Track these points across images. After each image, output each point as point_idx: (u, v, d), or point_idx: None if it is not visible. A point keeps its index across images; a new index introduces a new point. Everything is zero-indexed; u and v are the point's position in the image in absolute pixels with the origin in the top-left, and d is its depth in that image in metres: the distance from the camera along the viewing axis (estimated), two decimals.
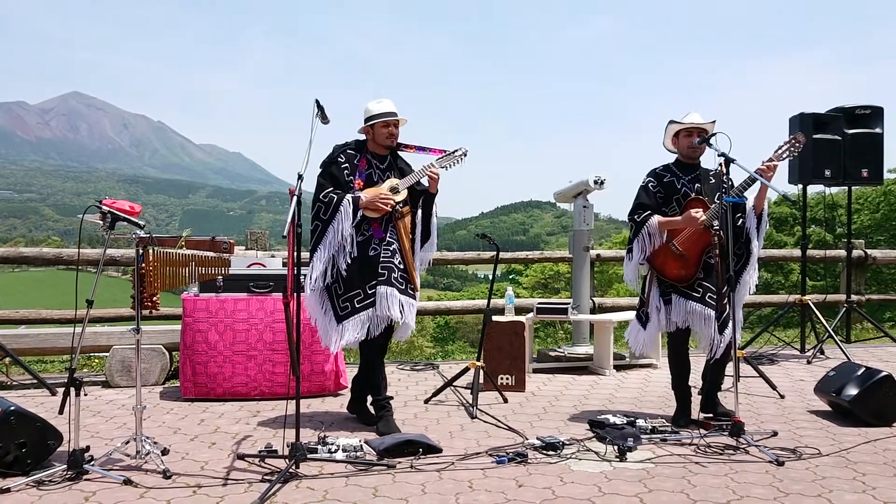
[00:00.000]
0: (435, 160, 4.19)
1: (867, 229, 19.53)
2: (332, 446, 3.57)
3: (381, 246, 4.12)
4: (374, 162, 4.23)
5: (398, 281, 4.10)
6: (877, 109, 6.89)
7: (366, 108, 4.23)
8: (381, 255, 4.10)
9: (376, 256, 4.10)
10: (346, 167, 4.16)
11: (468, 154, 4.20)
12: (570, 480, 3.29)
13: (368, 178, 4.17)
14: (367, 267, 4.07)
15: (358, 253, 4.08)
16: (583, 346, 6.34)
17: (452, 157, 4.20)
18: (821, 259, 8.59)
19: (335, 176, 4.14)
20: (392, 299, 4.03)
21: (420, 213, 4.29)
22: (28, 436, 3.35)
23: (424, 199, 4.27)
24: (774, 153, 4.10)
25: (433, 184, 4.17)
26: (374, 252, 4.11)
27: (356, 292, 4.06)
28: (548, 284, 26.09)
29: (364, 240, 4.11)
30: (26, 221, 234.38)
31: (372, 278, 4.06)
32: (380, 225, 4.14)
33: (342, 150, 4.22)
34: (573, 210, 6.53)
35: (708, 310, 4.10)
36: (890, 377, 4.29)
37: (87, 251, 6.25)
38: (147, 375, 5.32)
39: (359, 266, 4.07)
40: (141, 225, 3.54)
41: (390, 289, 4.04)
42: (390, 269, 4.08)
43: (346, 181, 4.13)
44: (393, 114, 4.17)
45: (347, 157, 4.19)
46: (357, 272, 4.07)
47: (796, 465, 3.50)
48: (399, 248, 4.15)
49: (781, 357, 6.55)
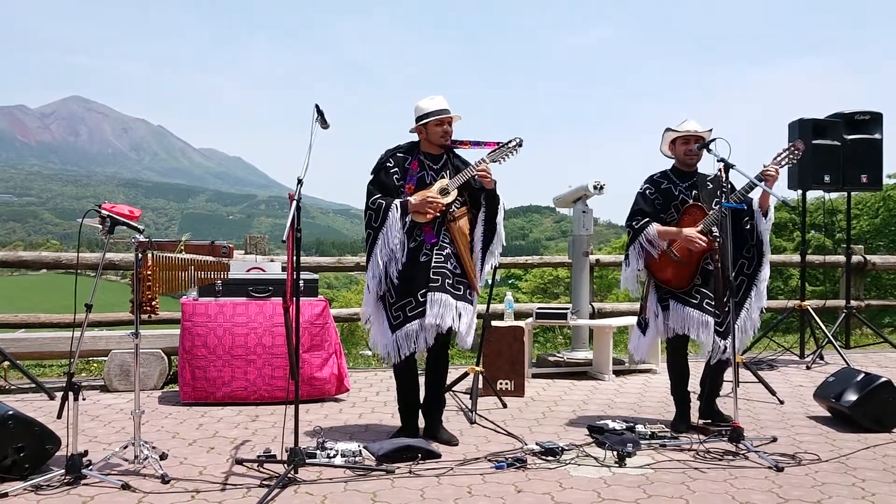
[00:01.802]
0: (486, 155, 3.96)
1: (866, 235, 19.53)
2: (330, 451, 3.56)
3: (433, 251, 3.90)
4: (427, 163, 4.01)
5: (453, 287, 3.88)
6: (876, 115, 6.90)
7: (417, 107, 4.00)
8: (434, 261, 3.88)
9: (428, 262, 3.88)
10: (395, 171, 3.98)
11: (523, 144, 3.95)
12: (570, 486, 3.29)
13: (420, 180, 3.96)
14: (420, 273, 3.87)
15: (409, 259, 3.88)
16: (582, 351, 6.34)
17: (504, 149, 3.96)
18: (820, 264, 8.60)
19: (383, 182, 3.97)
20: (446, 307, 3.82)
21: (483, 212, 4.02)
22: (26, 440, 3.34)
23: (485, 196, 4.00)
24: (774, 160, 4.11)
25: (486, 180, 3.91)
26: (426, 258, 3.89)
27: (408, 300, 3.88)
28: (547, 289, 26.08)
29: (416, 245, 3.91)
30: (25, 225, 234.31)
31: (424, 285, 3.85)
32: (431, 229, 3.92)
33: (392, 154, 4.03)
34: (572, 215, 6.54)
35: (706, 316, 4.10)
36: (889, 383, 4.28)
37: (87, 255, 6.25)
38: (146, 380, 5.31)
39: (411, 273, 3.88)
40: (140, 229, 3.54)
41: (444, 296, 3.83)
42: (444, 275, 3.86)
43: (397, 186, 3.95)
44: (446, 111, 3.96)
45: (397, 160, 4.00)
46: (409, 280, 3.88)
47: (795, 470, 3.50)
48: (454, 251, 3.94)
49: (781, 362, 6.55)
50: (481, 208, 4.03)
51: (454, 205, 3.97)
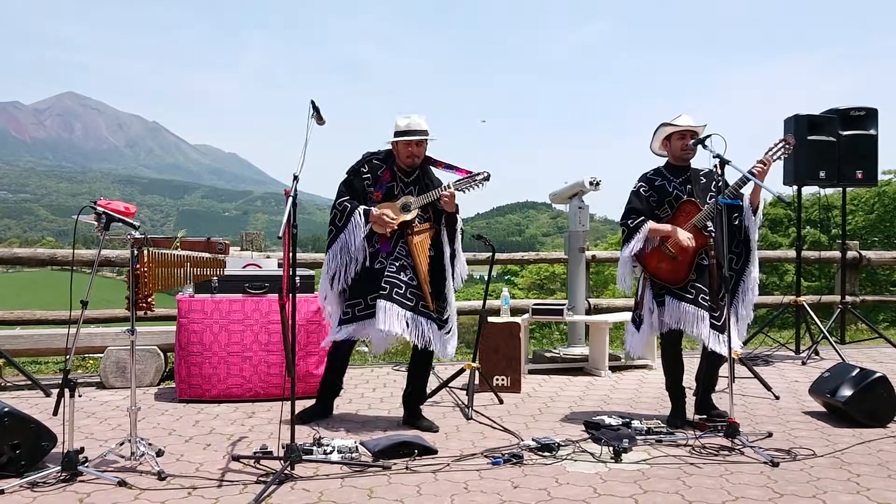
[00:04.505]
0: (453, 182, 4.15)
1: (862, 230, 19.59)
2: (327, 447, 3.56)
3: (387, 260, 4.10)
4: (400, 175, 4.22)
5: (404, 297, 4.05)
6: (871, 111, 6.92)
7: (395, 122, 4.17)
8: (387, 270, 4.08)
9: (381, 270, 4.09)
10: (367, 178, 4.19)
11: (490, 178, 4.11)
12: (566, 481, 3.30)
13: (389, 190, 4.17)
14: (371, 279, 4.09)
15: (365, 264, 4.12)
16: (578, 347, 6.35)
17: (472, 181, 4.12)
18: (815, 260, 8.62)
19: (354, 185, 4.18)
20: (390, 314, 3.98)
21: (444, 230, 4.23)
22: (22, 437, 3.33)
23: (445, 218, 4.21)
24: (766, 154, 4.13)
25: (447, 205, 4.09)
26: (380, 265, 4.10)
27: (358, 301, 4.12)
28: (543, 285, 26.12)
29: (373, 252, 4.13)
30: (21, 222, 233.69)
31: (374, 291, 4.06)
32: (388, 240, 4.12)
33: (368, 160, 4.23)
34: (569, 211, 6.54)
35: (700, 311, 4.11)
36: (884, 378, 4.30)
37: (82, 252, 6.23)
38: (142, 376, 5.30)
39: (364, 277, 4.12)
40: (136, 226, 3.53)
41: (390, 304, 4.00)
42: (394, 285, 4.04)
43: (367, 191, 4.17)
44: (419, 132, 4.11)
45: (372, 167, 4.21)
46: (362, 283, 4.11)
47: (791, 465, 3.51)
48: (409, 263, 4.10)
49: (776, 358, 6.57)
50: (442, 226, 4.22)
51: (416, 220, 4.14)
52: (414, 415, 4.29)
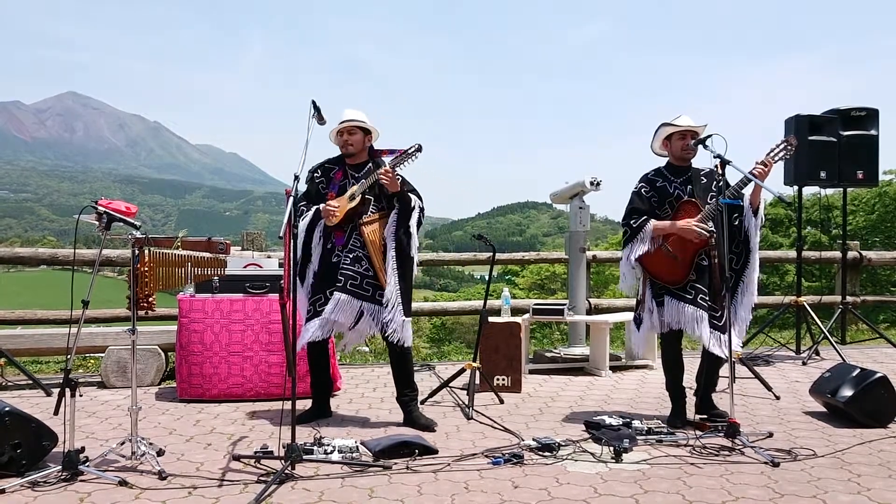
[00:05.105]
0: (388, 160, 4.26)
1: (862, 231, 19.59)
2: (327, 447, 3.56)
3: (342, 253, 4.23)
4: (351, 172, 4.35)
5: (360, 287, 4.17)
6: (872, 111, 6.91)
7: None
8: (342, 263, 4.20)
9: (337, 264, 4.22)
10: (321, 181, 4.37)
11: (422, 149, 4.17)
12: (566, 481, 3.30)
13: (342, 188, 4.31)
14: (329, 274, 4.23)
15: (323, 261, 4.27)
16: (579, 347, 6.35)
17: (405, 155, 4.20)
18: (816, 260, 8.61)
19: (309, 191, 4.38)
20: (341, 305, 4.13)
21: (395, 213, 4.26)
22: (23, 436, 3.34)
23: (396, 199, 4.25)
24: (767, 155, 4.12)
25: (390, 185, 4.15)
26: (337, 259, 4.24)
27: (318, 297, 4.25)
28: (544, 285, 26.14)
29: (330, 247, 4.27)
30: (22, 221, 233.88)
31: (331, 285, 4.20)
32: (343, 233, 4.25)
33: (319, 166, 4.42)
34: (569, 211, 6.54)
35: (700, 311, 4.11)
36: (885, 378, 4.30)
37: (83, 251, 6.24)
38: (142, 376, 5.31)
39: (322, 273, 4.26)
40: (137, 225, 3.54)
41: (344, 296, 4.14)
42: (349, 277, 4.16)
43: (322, 193, 4.34)
44: (346, 121, 4.26)
45: (324, 170, 4.40)
46: (322, 278, 4.26)
47: (791, 466, 3.51)
48: (364, 254, 4.21)
49: (777, 358, 6.57)
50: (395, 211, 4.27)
51: (368, 210, 4.25)
52: (412, 414, 4.32)
